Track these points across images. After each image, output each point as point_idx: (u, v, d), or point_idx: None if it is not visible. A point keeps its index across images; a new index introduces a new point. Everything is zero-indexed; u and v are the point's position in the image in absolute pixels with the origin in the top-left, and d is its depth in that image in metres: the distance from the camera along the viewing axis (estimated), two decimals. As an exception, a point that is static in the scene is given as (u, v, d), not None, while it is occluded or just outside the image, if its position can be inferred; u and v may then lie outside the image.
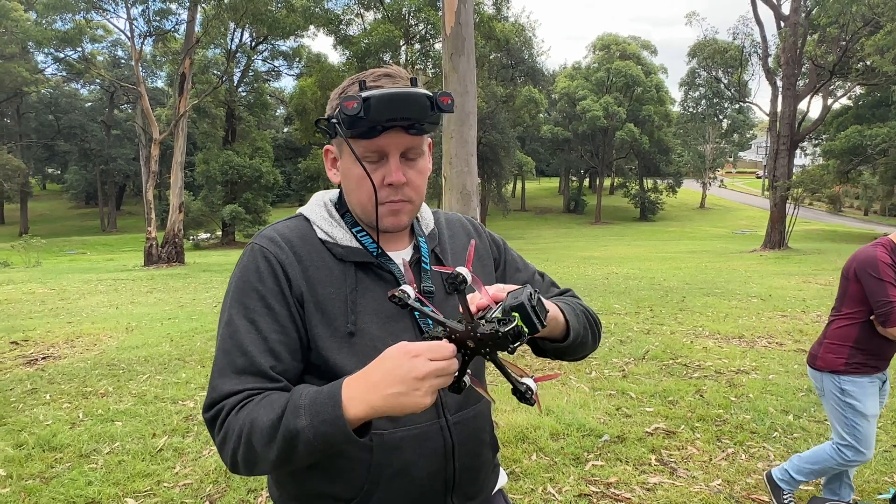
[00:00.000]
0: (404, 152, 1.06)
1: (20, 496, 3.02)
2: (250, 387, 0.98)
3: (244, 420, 0.94)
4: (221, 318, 1.07)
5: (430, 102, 1.00)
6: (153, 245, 20.19)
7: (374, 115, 0.97)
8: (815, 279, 11.89)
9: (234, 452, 0.95)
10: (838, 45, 23.07)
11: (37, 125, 52.39)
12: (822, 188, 25.88)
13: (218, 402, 0.99)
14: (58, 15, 22.88)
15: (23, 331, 7.56)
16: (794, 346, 5.96)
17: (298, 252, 1.07)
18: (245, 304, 1.04)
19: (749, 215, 48.54)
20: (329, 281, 1.07)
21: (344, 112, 0.97)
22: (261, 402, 0.95)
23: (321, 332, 1.04)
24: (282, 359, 1.02)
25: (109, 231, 48.55)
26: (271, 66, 44.85)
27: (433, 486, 1.08)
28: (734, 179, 77.31)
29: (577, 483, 3.12)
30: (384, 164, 1.05)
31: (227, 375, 1.00)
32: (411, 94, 0.99)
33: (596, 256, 21.24)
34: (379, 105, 0.97)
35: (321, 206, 1.16)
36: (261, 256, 1.06)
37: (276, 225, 1.14)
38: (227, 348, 1.02)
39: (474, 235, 1.29)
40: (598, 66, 52.75)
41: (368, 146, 1.03)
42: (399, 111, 0.99)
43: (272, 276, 1.05)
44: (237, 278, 1.07)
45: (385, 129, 1.01)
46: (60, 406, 4.46)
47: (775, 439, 3.64)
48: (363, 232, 1.13)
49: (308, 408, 0.90)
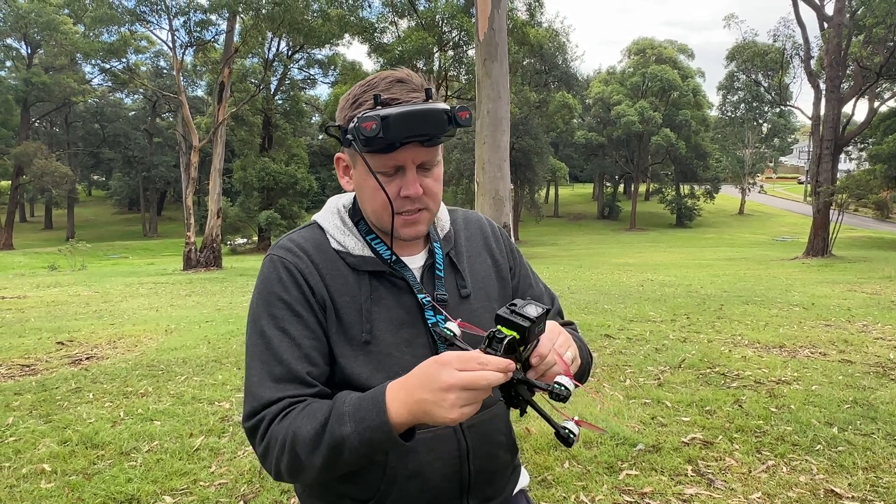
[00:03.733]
0: (421, 164, 1.04)
1: (64, 491, 3.12)
2: (290, 394, 1.00)
3: (287, 430, 0.96)
4: (249, 331, 1.09)
5: (448, 117, 0.99)
6: (192, 250, 20.71)
7: (393, 134, 0.96)
8: (860, 288, 11.47)
9: (277, 462, 0.97)
10: (885, 46, 22.30)
11: (83, 133, 54.45)
12: (869, 194, 25.02)
13: (259, 412, 1.00)
14: (104, 27, 23.75)
15: (68, 332, 7.82)
16: (839, 357, 5.76)
17: (315, 261, 1.09)
18: (273, 314, 1.06)
19: (790, 222, 47.21)
20: (345, 290, 1.08)
21: (362, 133, 0.95)
22: (302, 412, 0.97)
23: (338, 340, 1.06)
24: (316, 363, 1.04)
25: (150, 236, 50.02)
26: (307, 74, 45.73)
27: (448, 488, 1.09)
28: (775, 185, 75.34)
29: (611, 492, 3.06)
30: (400, 175, 1.04)
31: (266, 384, 1.02)
32: (430, 111, 0.97)
33: (631, 263, 20.93)
34: (397, 124, 0.95)
35: (334, 214, 1.16)
36: (281, 267, 1.08)
37: (291, 235, 1.15)
38: (264, 359, 1.04)
39: (491, 239, 1.28)
40: (633, 70, 52.17)
41: (385, 161, 1.01)
42: (417, 129, 0.97)
43: (295, 284, 1.06)
44: (261, 290, 1.09)
45: (402, 145, 1.00)
46: (103, 405, 4.59)
47: (818, 452, 3.51)
48: (377, 239, 1.13)
49: (352, 415, 0.91)
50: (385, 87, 1.01)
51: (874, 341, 6.44)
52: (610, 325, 7.38)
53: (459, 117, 0.99)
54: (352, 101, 1.04)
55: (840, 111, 22.33)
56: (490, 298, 1.19)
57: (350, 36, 30.22)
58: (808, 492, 3.04)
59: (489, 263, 1.24)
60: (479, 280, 1.20)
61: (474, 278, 1.19)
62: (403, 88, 1.01)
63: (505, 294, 1.24)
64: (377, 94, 0.99)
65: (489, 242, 1.27)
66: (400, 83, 1.02)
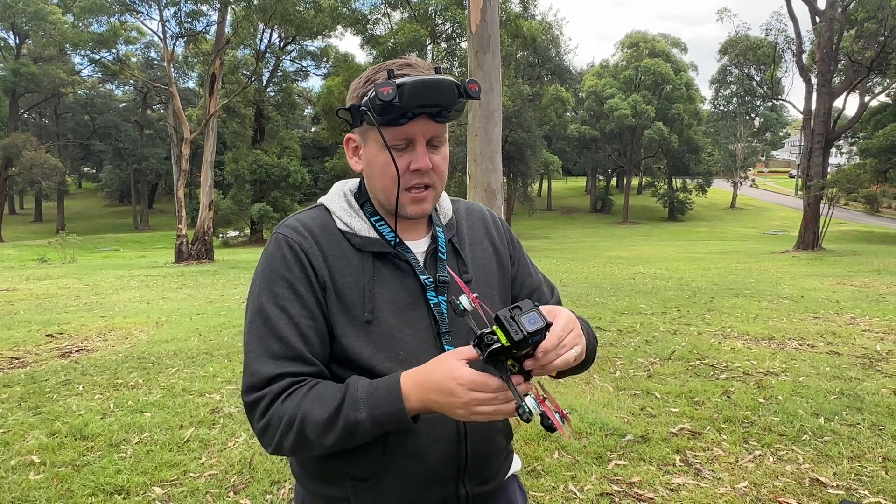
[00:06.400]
0: (430, 139, 1.08)
1: (53, 483, 3.11)
2: (289, 370, 1.04)
3: (294, 411, 1.00)
4: (250, 306, 1.11)
5: (458, 90, 1.03)
6: (183, 242, 20.61)
7: (408, 101, 1.00)
8: (849, 281, 11.57)
9: (281, 439, 1.02)
10: (876, 41, 22.39)
11: (73, 125, 53.95)
12: (859, 188, 25.19)
13: (259, 388, 1.03)
14: (94, 17, 23.50)
15: (58, 324, 7.78)
16: (827, 349, 5.82)
17: (320, 241, 1.11)
18: (274, 292, 1.08)
19: (781, 216, 47.48)
20: (348, 270, 1.10)
21: (379, 98, 0.99)
22: (308, 395, 1.01)
23: (340, 320, 1.08)
24: (312, 343, 1.07)
25: (142, 228, 49.70)
26: (299, 66, 45.46)
27: (445, 469, 1.11)
28: (766, 179, 75.74)
29: (600, 482, 3.09)
30: (410, 150, 1.07)
31: (265, 360, 1.04)
32: (443, 81, 1.02)
33: (623, 256, 21.01)
34: (413, 91, 0.99)
35: (341, 197, 1.18)
36: (286, 245, 1.10)
37: (298, 215, 1.17)
38: (262, 335, 1.06)
39: (492, 228, 1.30)
40: (626, 63, 52.15)
41: (397, 133, 1.05)
42: (430, 98, 1.01)
43: (298, 263, 1.08)
44: (264, 267, 1.11)
45: (414, 117, 1.03)
46: (92, 397, 4.58)
47: (805, 442, 3.55)
48: (381, 221, 1.15)
49: (366, 401, 0.98)
50: (398, 67, 1.06)
51: (862, 333, 6.51)
52: (601, 318, 7.41)
53: (469, 89, 1.04)
54: (364, 80, 1.08)
55: (831, 105, 22.43)
56: (490, 285, 1.22)
57: (342, 27, 30.04)
58: (794, 481, 3.08)
59: (490, 251, 1.26)
60: (480, 266, 1.22)
61: (476, 264, 1.21)
62: (413, 69, 1.06)
63: (505, 281, 1.26)
64: (390, 69, 1.04)
65: (490, 231, 1.29)
66: (409, 66, 1.06)
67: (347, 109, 1.10)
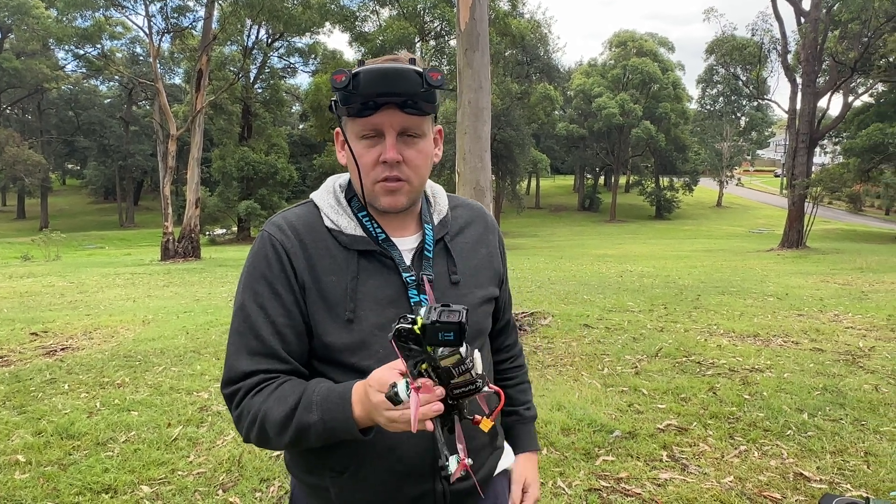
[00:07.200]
0: (402, 131, 1.06)
1: (38, 482, 3.09)
2: (263, 368, 1.07)
3: (258, 408, 1.04)
4: (236, 302, 1.14)
5: (421, 78, 1.01)
6: (170, 240, 20.43)
7: (364, 89, 0.99)
8: (833, 279, 11.73)
9: (248, 431, 1.07)
10: (860, 42, 22.69)
11: (57, 121, 53.19)
12: (842, 187, 25.49)
13: (235, 382, 1.08)
14: (78, 12, 23.22)
15: (42, 322, 7.69)
16: (811, 346, 5.90)
17: (304, 240, 1.11)
18: (255, 290, 1.10)
19: (767, 214, 47.97)
20: (332, 269, 1.10)
21: (334, 85, 0.99)
22: (273, 393, 1.04)
23: (322, 318, 1.09)
24: (288, 341, 1.09)
25: (127, 226, 49.20)
26: (287, 62, 45.21)
27: (421, 465, 1.11)
28: (752, 178, 76.43)
29: (588, 478, 3.12)
30: (382, 142, 1.07)
31: (242, 356, 1.09)
32: (400, 69, 1.00)
33: (610, 254, 21.13)
34: (368, 78, 0.99)
35: (330, 193, 1.18)
36: (269, 244, 1.11)
37: (286, 212, 1.17)
38: (242, 331, 1.10)
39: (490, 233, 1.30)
40: (614, 63, 52.40)
41: (365, 124, 1.05)
42: (388, 86, 1.00)
43: (279, 263, 1.10)
44: (249, 264, 1.13)
45: (379, 107, 1.03)
46: (78, 396, 4.54)
47: (789, 437, 3.61)
48: (368, 217, 1.15)
49: (320, 404, 0.99)
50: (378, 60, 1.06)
51: (845, 330, 6.60)
52: (589, 315, 7.45)
53: (430, 77, 1.01)
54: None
55: (815, 105, 22.68)
56: (480, 286, 1.21)
57: (331, 24, 29.93)
58: (779, 475, 3.12)
59: (484, 254, 1.25)
60: (470, 268, 1.20)
61: (467, 266, 1.20)
62: (388, 60, 1.05)
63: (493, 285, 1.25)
64: (361, 60, 1.04)
65: (488, 234, 1.28)
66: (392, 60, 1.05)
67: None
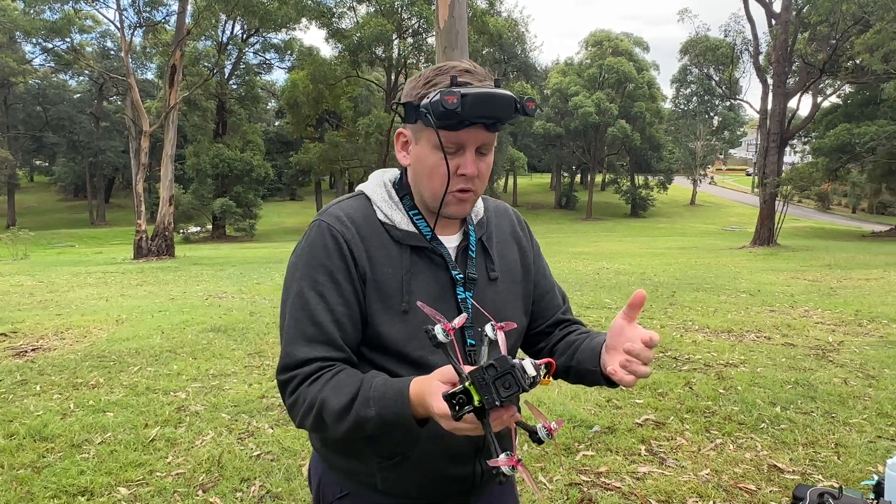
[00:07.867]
0: (479, 147, 1.12)
1: (12, 485, 3.02)
2: (320, 355, 1.10)
3: (315, 396, 1.07)
4: (289, 290, 1.16)
5: (516, 105, 1.07)
6: (143, 238, 20.05)
7: (469, 111, 1.03)
8: (803, 275, 12.01)
9: (303, 418, 1.10)
10: (828, 44, 23.25)
11: (24, 116, 51.75)
12: (811, 186, 26.10)
13: (292, 369, 1.10)
14: (46, 4, 22.63)
15: (11, 322, 7.50)
16: (782, 340, 6.04)
17: (362, 232, 1.16)
18: (314, 278, 1.13)
19: (739, 212, 48.86)
20: (387, 261, 1.15)
21: (444, 105, 1.02)
22: (330, 382, 1.07)
23: (377, 309, 1.14)
24: (346, 330, 1.12)
25: (98, 224, 48.13)
26: (263, 58, 44.59)
27: (465, 447, 1.17)
28: (724, 176, 77.74)
29: (568, 472, 3.15)
30: (460, 155, 1.11)
31: (299, 343, 1.11)
32: (504, 97, 1.06)
33: (587, 252, 21.33)
34: (475, 102, 1.03)
35: (381, 187, 1.22)
36: (328, 234, 1.15)
37: (340, 203, 1.22)
38: (299, 318, 1.12)
39: (517, 227, 1.37)
40: (590, 62, 52.80)
41: (450, 137, 1.09)
42: (489, 110, 1.06)
43: (339, 253, 1.13)
44: (306, 254, 1.16)
45: (470, 125, 1.07)
46: (51, 397, 4.44)
47: (763, 430, 3.69)
48: (419, 215, 1.20)
49: (377, 400, 1.02)
50: (458, 73, 1.09)
51: (815, 325, 6.77)
52: (567, 312, 7.52)
53: (526, 106, 1.08)
54: (424, 81, 1.12)
55: (786, 106, 23.19)
56: (515, 282, 1.30)
57: (307, 20, 29.67)
58: (753, 467, 3.20)
59: (516, 250, 1.33)
60: (506, 264, 1.29)
61: (503, 262, 1.28)
62: (473, 77, 1.09)
63: (528, 279, 1.33)
64: (453, 75, 1.07)
65: (516, 230, 1.36)
66: (468, 73, 1.10)
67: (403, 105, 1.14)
